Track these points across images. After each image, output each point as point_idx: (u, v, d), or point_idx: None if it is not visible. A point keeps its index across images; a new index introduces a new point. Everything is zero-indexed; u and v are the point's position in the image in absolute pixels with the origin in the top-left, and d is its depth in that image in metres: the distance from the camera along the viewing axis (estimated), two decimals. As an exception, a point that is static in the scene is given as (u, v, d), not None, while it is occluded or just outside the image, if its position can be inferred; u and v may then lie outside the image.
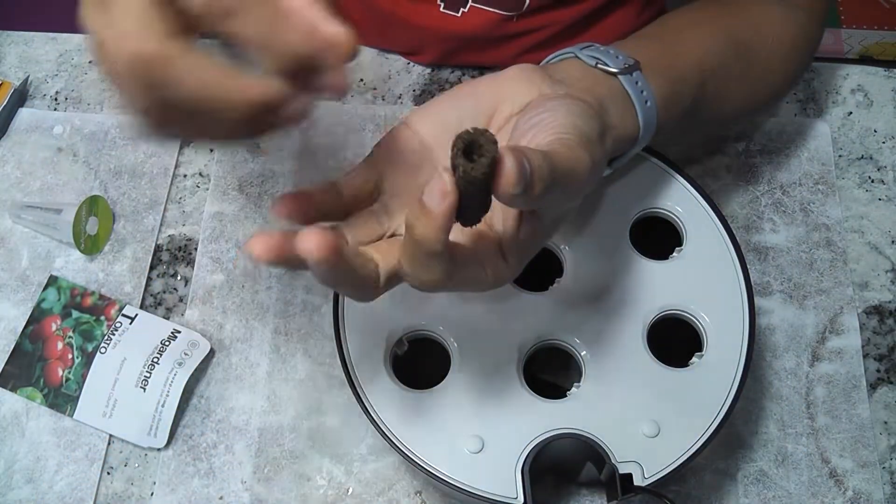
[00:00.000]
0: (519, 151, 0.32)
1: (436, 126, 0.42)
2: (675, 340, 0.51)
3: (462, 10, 0.67)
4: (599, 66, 0.46)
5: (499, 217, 0.38)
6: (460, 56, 0.70)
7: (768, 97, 0.59)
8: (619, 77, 0.46)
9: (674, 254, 0.53)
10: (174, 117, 0.34)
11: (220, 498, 0.56)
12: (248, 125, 0.34)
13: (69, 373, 0.59)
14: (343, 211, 0.41)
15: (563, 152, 0.36)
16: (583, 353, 0.50)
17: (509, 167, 0.31)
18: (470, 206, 0.33)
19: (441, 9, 0.67)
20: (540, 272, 0.53)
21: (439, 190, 0.32)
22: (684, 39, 0.53)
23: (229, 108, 0.32)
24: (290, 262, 0.34)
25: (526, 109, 0.41)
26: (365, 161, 0.42)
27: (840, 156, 0.67)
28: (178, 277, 0.63)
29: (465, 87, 0.43)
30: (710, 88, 0.52)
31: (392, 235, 0.42)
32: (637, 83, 0.46)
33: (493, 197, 0.33)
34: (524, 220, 0.37)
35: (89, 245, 0.62)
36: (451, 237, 0.34)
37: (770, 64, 0.56)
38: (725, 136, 0.67)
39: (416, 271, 0.35)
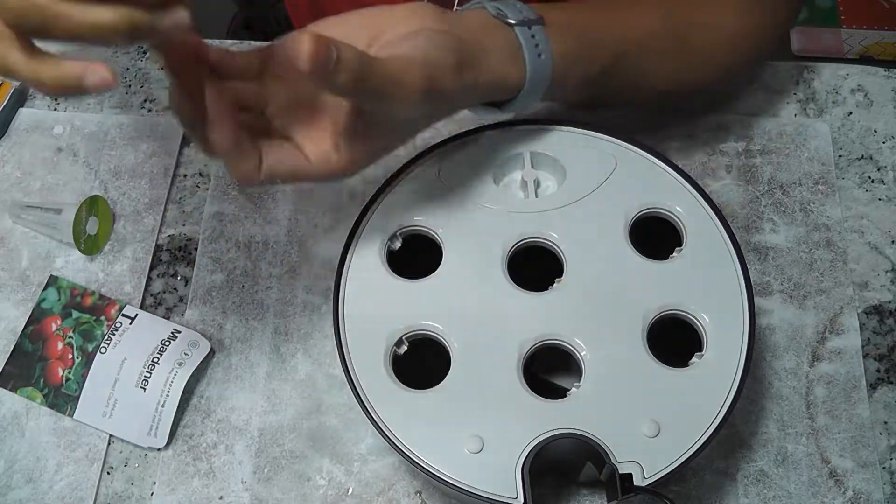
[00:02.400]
0: (326, 38, 0.38)
1: None
2: (675, 340, 0.51)
3: None
4: (499, 16, 0.49)
5: (336, 115, 0.44)
6: None
7: (698, 84, 0.61)
8: (515, 28, 0.49)
9: (674, 254, 0.53)
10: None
11: (220, 498, 0.56)
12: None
13: (69, 373, 0.59)
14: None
15: (392, 62, 0.42)
16: (583, 353, 0.50)
17: (305, 43, 0.37)
18: None
19: None
20: (540, 272, 0.53)
21: None
22: (621, 10, 0.55)
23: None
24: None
25: (399, 36, 0.45)
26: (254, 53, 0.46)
27: (840, 156, 0.67)
28: (178, 277, 0.63)
29: (357, 13, 0.47)
30: (633, 60, 0.54)
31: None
32: (533, 36, 0.49)
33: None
34: (356, 115, 0.43)
35: (89, 245, 0.62)
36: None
37: (705, 52, 0.58)
38: (726, 136, 0.67)
39: (228, 164, 0.43)
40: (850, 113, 0.69)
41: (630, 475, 0.47)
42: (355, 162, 0.46)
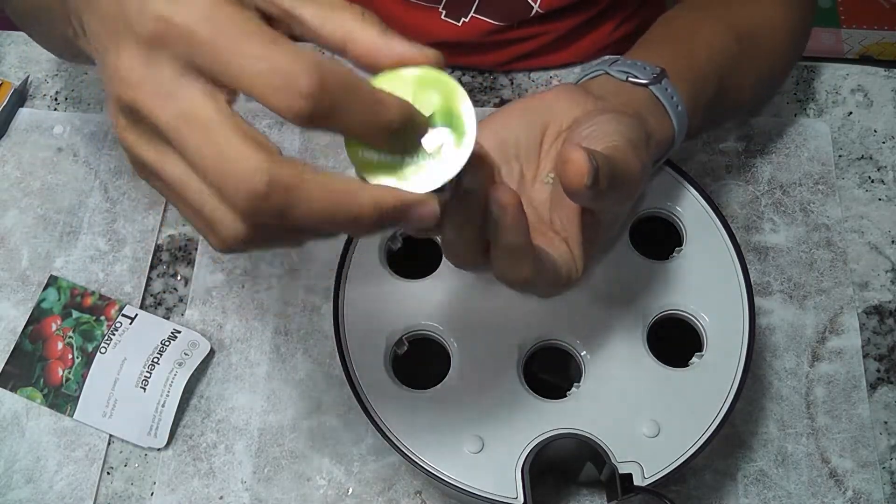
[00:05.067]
0: (586, 149, 0.35)
1: (497, 145, 0.44)
2: (675, 340, 0.51)
3: (463, 20, 0.68)
4: (630, 79, 0.48)
5: (566, 224, 0.42)
6: (452, 60, 0.70)
7: (777, 80, 0.63)
8: (651, 87, 0.48)
9: (674, 254, 0.53)
10: (286, 235, 0.31)
11: (220, 498, 0.56)
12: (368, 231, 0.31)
13: (69, 373, 0.59)
14: None
15: (618, 156, 0.39)
16: (583, 353, 0.50)
17: (581, 159, 0.35)
18: None
19: (442, 17, 0.68)
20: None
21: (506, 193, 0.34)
22: (694, 39, 0.55)
23: (358, 222, 0.30)
24: None
25: (575, 124, 0.43)
26: None
27: (840, 156, 0.67)
28: (178, 277, 0.63)
29: (516, 107, 0.46)
30: (726, 82, 0.54)
31: None
32: (667, 90, 0.48)
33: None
34: (587, 224, 0.41)
35: None
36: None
37: (774, 49, 0.59)
38: (726, 136, 0.67)
39: (506, 269, 0.38)
40: (850, 113, 0.69)
41: (630, 475, 0.46)
42: (587, 267, 0.43)
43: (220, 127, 0.28)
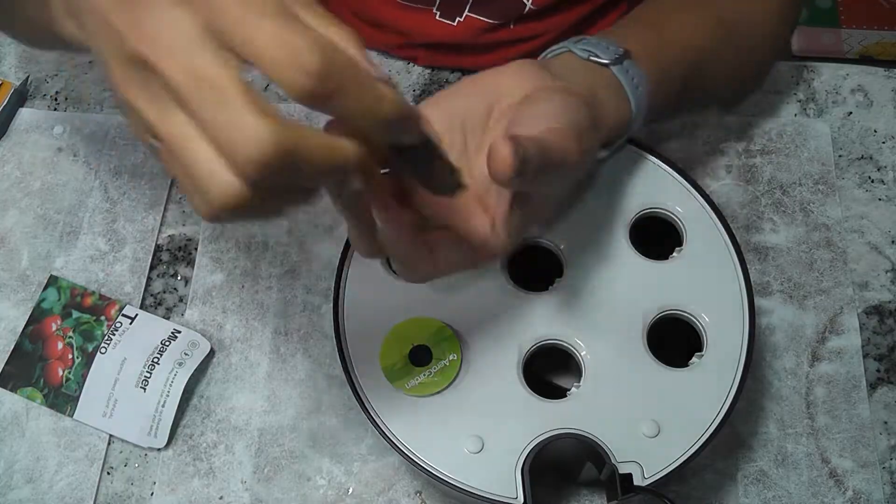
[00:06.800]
0: (515, 140, 0.36)
1: (443, 116, 0.45)
2: (675, 340, 0.51)
3: (458, 19, 0.68)
4: (592, 58, 0.48)
5: (498, 200, 0.42)
6: (452, 61, 0.70)
7: (756, 72, 0.63)
8: (611, 67, 0.48)
9: (674, 254, 0.53)
10: (281, 197, 0.32)
11: (220, 498, 0.56)
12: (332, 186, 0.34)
13: (69, 373, 0.59)
14: None
15: (555, 140, 0.40)
16: (583, 353, 0.50)
17: (506, 151, 0.35)
18: (423, 176, 0.37)
19: (436, 17, 0.68)
20: (540, 272, 0.53)
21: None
22: (673, 22, 0.55)
23: (339, 172, 0.31)
24: None
25: (523, 101, 0.44)
26: None
27: (840, 156, 0.67)
28: (178, 277, 0.63)
29: (469, 80, 0.46)
30: (700, 69, 0.54)
31: None
32: (628, 71, 0.48)
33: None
34: (517, 199, 0.42)
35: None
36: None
37: (756, 40, 0.59)
38: (726, 136, 0.67)
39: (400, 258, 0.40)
40: (850, 113, 0.69)
41: (630, 475, 0.46)
42: (513, 240, 0.44)
43: (233, 90, 0.28)
